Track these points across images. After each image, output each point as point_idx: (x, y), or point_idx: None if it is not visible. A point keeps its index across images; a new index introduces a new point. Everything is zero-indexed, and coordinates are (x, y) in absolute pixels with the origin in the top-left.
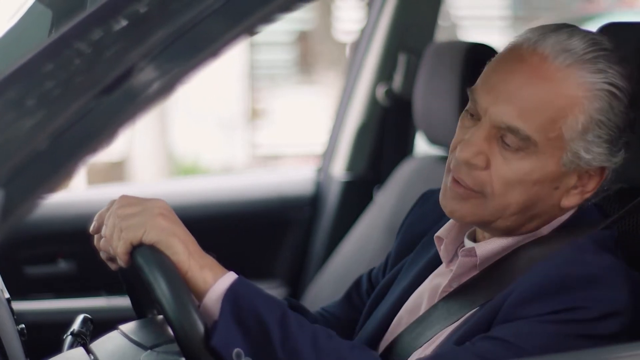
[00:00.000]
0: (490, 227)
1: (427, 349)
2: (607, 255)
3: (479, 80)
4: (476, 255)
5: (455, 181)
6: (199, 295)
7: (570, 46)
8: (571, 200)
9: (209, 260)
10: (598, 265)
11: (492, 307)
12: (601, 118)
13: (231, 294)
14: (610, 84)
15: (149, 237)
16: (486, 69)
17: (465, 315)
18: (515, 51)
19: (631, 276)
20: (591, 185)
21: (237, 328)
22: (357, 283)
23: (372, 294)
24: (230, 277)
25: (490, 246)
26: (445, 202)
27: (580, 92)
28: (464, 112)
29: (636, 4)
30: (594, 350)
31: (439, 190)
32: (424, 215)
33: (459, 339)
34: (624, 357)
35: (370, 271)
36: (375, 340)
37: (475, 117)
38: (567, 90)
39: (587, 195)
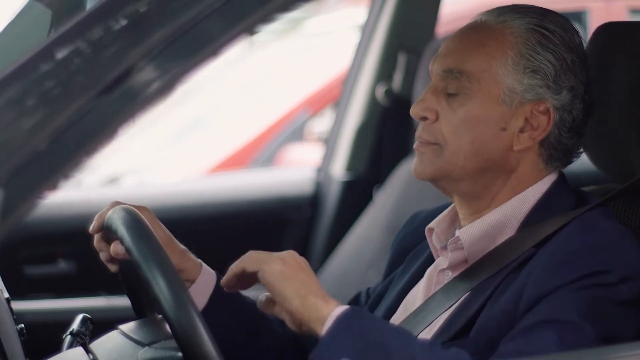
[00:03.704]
0: (453, 182)
1: (429, 333)
2: (616, 223)
3: None
4: (463, 248)
5: (418, 143)
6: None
7: (509, 13)
8: (522, 143)
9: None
10: (613, 231)
11: (517, 284)
12: (530, 52)
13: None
14: (538, 25)
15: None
16: None
17: (462, 297)
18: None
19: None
20: (539, 126)
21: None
22: (356, 297)
23: (368, 303)
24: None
25: (472, 229)
26: (413, 167)
27: (509, 32)
28: None
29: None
30: (594, 350)
31: (426, 210)
32: (413, 231)
33: (489, 321)
34: (624, 357)
35: (368, 288)
36: None
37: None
38: (497, 33)
39: (539, 137)
